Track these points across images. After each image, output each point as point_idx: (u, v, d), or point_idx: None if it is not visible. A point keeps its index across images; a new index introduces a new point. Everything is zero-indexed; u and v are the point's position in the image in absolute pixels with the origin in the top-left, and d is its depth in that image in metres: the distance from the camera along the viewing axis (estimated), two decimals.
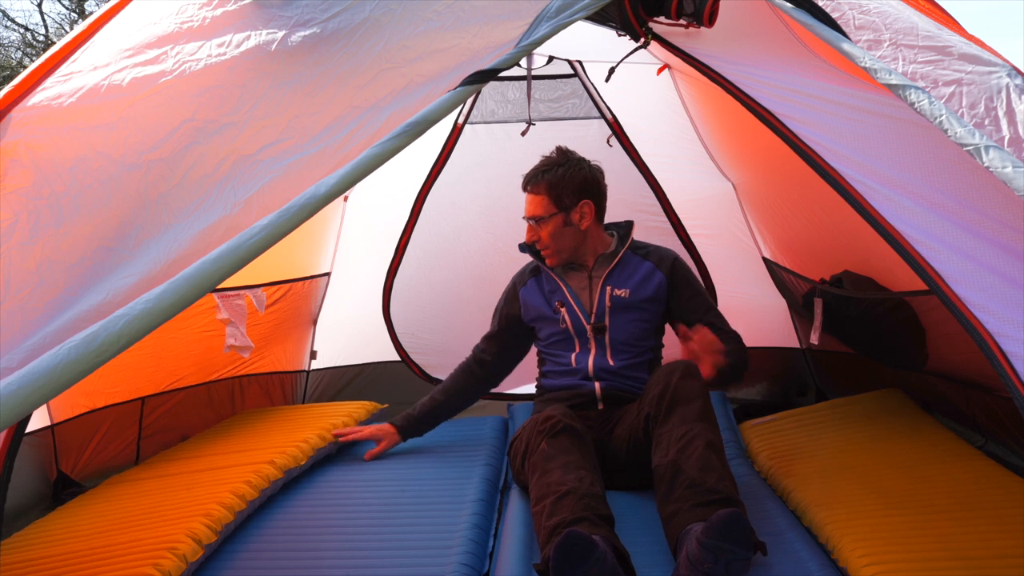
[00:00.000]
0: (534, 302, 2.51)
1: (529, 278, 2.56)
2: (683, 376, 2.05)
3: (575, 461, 1.96)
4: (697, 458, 1.87)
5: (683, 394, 2.01)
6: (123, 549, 1.81)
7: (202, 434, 2.82)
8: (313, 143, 1.48)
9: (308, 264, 3.32)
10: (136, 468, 2.54)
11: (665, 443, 1.95)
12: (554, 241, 2.43)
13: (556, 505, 1.82)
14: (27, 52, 14.84)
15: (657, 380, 2.10)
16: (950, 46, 1.59)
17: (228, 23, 1.68)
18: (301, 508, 2.20)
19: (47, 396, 1.11)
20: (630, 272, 2.44)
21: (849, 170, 1.42)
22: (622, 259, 2.46)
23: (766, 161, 2.86)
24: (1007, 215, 1.34)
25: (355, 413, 2.87)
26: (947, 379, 2.54)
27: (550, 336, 2.48)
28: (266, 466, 2.27)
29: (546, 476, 1.93)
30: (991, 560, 1.62)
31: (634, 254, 2.48)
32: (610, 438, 2.25)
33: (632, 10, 1.72)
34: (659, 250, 2.52)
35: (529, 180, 2.46)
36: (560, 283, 2.47)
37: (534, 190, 2.44)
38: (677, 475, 1.86)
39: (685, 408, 1.99)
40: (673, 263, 2.47)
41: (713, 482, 1.82)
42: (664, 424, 2.00)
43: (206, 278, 1.22)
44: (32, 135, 1.51)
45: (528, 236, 2.48)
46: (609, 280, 2.43)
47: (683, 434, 1.93)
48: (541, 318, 2.50)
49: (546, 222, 2.41)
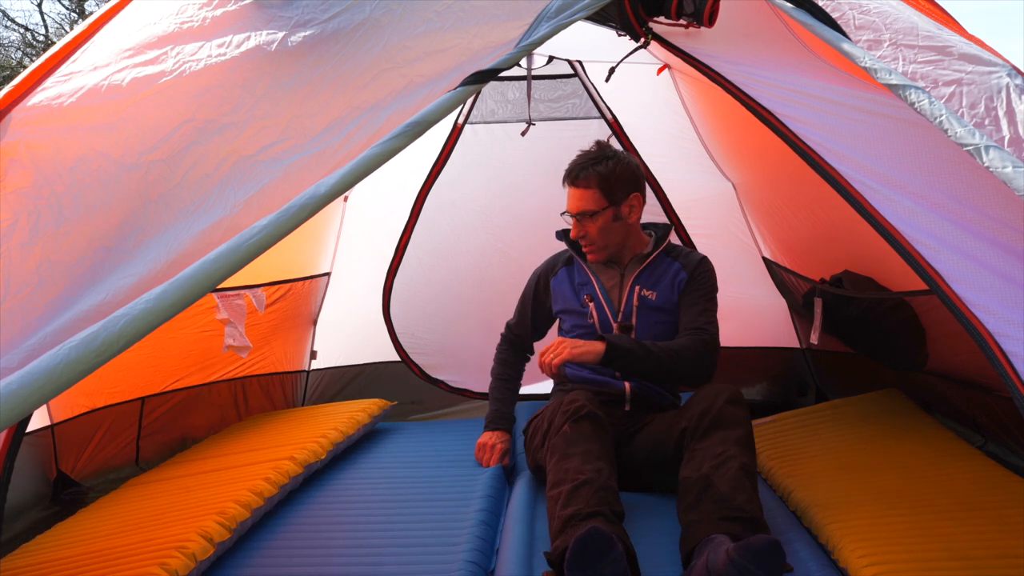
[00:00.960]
0: (563, 293, 2.47)
1: (561, 267, 2.51)
2: (729, 401, 2.02)
3: (595, 451, 1.95)
4: (731, 477, 1.84)
5: (727, 419, 1.98)
6: (132, 550, 1.81)
7: (213, 437, 2.84)
8: (313, 143, 1.48)
9: (308, 264, 3.32)
10: (150, 471, 2.55)
11: (700, 458, 1.93)
12: (603, 236, 2.36)
13: (573, 495, 1.82)
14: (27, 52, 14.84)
15: (701, 399, 2.07)
16: (950, 46, 1.59)
17: (228, 23, 1.68)
18: (311, 506, 2.21)
19: (47, 396, 1.11)
20: (660, 274, 2.39)
21: (849, 170, 1.42)
22: (654, 260, 2.41)
23: (766, 161, 2.86)
24: (1007, 215, 1.34)
25: (369, 409, 2.91)
26: (947, 379, 2.54)
27: (575, 328, 2.43)
28: (286, 462, 2.28)
29: (565, 461, 1.93)
30: (991, 560, 1.62)
31: (667, 256, 2.43)
32: (631, 440, 2.23)
33: (632, 10, 1.72)
34: (691, 254, 2.47)
35: (577, 173, 2.35)
36: (592, 277, 2.42)
37: (584, 183, 2.33)
38: (707, 488, 1.84)
39: (727, 432, 1.96)
40: (698, 263, 2.42)
41: (742, 501, 1.80)
42: (702, 441, 1.97)
43: (206, 278, 1.22)
44: (32, 135, 1.50)
45: (574, 232, 2.38)
46: (639, 280, 2.38)
47: (720, 453, 1.91)
48: (568, 311, 2.45)
49: (596, 217, 2.33)
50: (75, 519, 2.17)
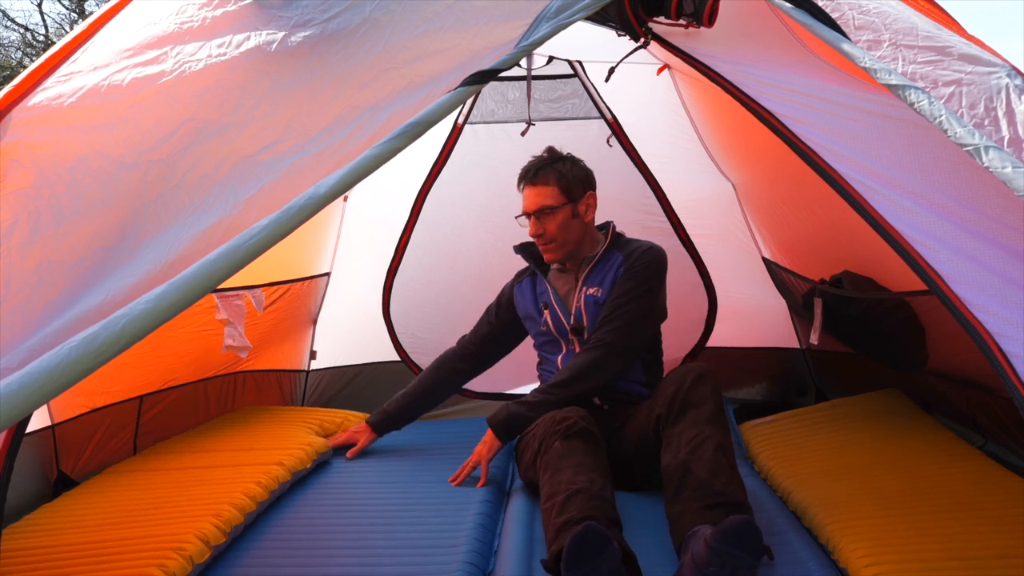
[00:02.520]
0: (524, 302, 2.55)
1: (525, 278, 2.60)
2: (696, 379, 2.05)
3: (588, 464, 1.96)
4: (707, 460, 1.87)
5: (695, 397, 2.01)
6: (128, 545, 1.81)
7: (199, 428, 2.83)
8: (313, 143, 1.48)
9: (308, 264, 3.31)
10: (134, 459, 2.54)
11: (676, 444, 1.96)
12: (561, 232, 2.41)
13: (566, 503, 1.83)
14: (27, 52, 14.84)
15: (670, 382, 2.11)
16: (950, 46, 1.59)
17: (228, 23, 1.68)
18: (307, 508, 2.21)
19: (47, 396, 1.11)
20: (606, 271, 2.43)
21: (849, 170, 1.42)
22: (601, 258, 2.45)
23: (766, 161, 2.86)
24: (1007, 215, 1.34)
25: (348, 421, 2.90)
26: (947, 379, 2.54)
27: (538, 337, 2.53)
28: (276, 467, 2.28)
29: (558, 475, 1.93)
30: (991, 560, 1.62)
31: (617, 251, 2.45)
32: (619, 436, 2.25)
33: (632, 10, 1.72)
34: (638, 244, 2.46)
35: (536, 172, 2.43)
36: (548, 286, 2.49)
37: (542, 181, 2.41)
38: (686, 476, 1.87)
39: (697, 411, 1.99)
40: (635, 254, 2.40)
41: (722, 485, 1.82)
42: (675, 425, 2.00)
43: (206, 278, 1.22)
44: (32, 135, 1.50)
45: (532, 230, 2.44)
46: (587, 280, 2.43)
47: (694, 436, 1.93)
48: (528, 318, 2.55)
49: (555, 213, 2.39)
50: (67, 501, 2.15)
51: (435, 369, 2.70)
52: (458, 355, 2.68)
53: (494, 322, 2.66)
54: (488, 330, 2.67)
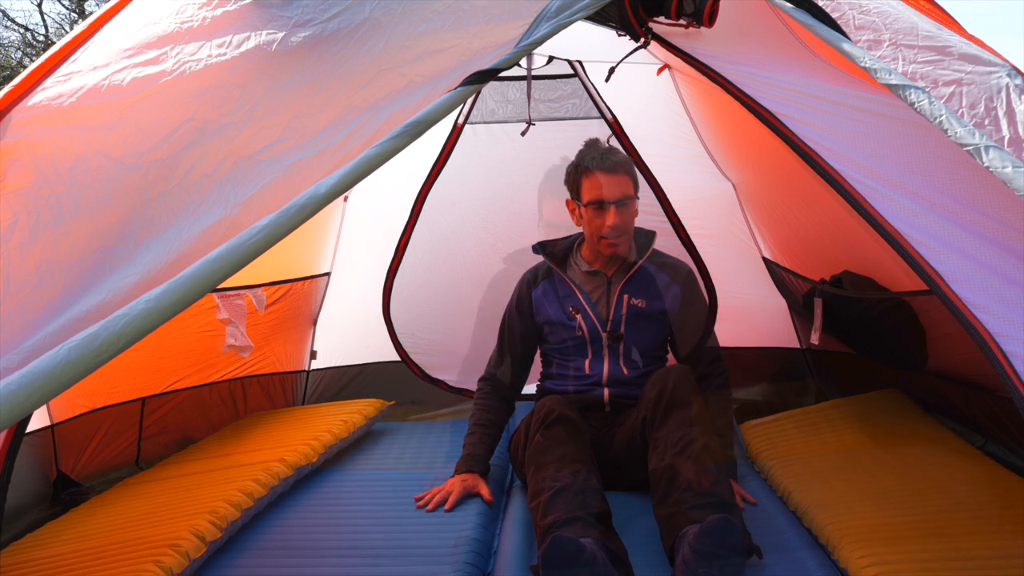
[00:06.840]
0: (548, 306, 2.41)
1: (542, 280, 2.45)
2: (678, 381, 2.05)
3: (570, 454, 1.95)
4: (694, 462, 1.87)
5: (679, 399, 2.01)
6: (126, 548, 1.82)
7: (211, 437, 2.84)
8: (313, 143, 1.47)
9: (308, 264, 3.32)
10: (147, 471, 2.55)
11: (662, 447, 1.96)
12: (632, 225, 2.33)
13: (550, 503, 1.83)
14: (27, 52, 14.84)
15: (653, 384, 2.10)
16: (950, 46, 1.59)
17: (228, 23, 1.68)
18: (307, 508, 2.21)
19: (47, 396, 1.11)
20: (648, 282, 2.38)
21: (849, 170, 1.42)
22: (641, 267, 2.40)
23: (766, 161, 2.86)
24: (1007, 215, 1.34)
25: (365, 411, 2.90)
26: (947, 379, 2.54)
27: (563, 341, 2.39)
28: (276, 464, 2.28)
29: (541, 471, 1.93)
30: (991, 560, 1.62)
31: (650, 263, 2.42)
32: (611, 439, 2.25)
33: (632, 10, 1.72)
34: (674, 262, 2.47)
35: (613, 158, 2.27)
36: (575, 288, 2.39)
37: (622, 170, 2.26)
38: (674, 478, 1.87)
39: (682, 412, 1.99)
40: (687, 276, 2.44)
41: (709, 485, 1.82)
42: (661, 428, 2.00)
43: (206, 278, 1.22)
44: (32, 135, 1.50)
45: (612, 219, 2.24)
46: (627, 288, 2.37)
47: (680, 438, 1.93)
48: (553, 323, 2.39)
49: (631, 204, 2.29)
50: (72, 516, 2.17)
51: (492, 406, 2.39)
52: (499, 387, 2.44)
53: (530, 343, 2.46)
54: (523, 351, 2.46)
